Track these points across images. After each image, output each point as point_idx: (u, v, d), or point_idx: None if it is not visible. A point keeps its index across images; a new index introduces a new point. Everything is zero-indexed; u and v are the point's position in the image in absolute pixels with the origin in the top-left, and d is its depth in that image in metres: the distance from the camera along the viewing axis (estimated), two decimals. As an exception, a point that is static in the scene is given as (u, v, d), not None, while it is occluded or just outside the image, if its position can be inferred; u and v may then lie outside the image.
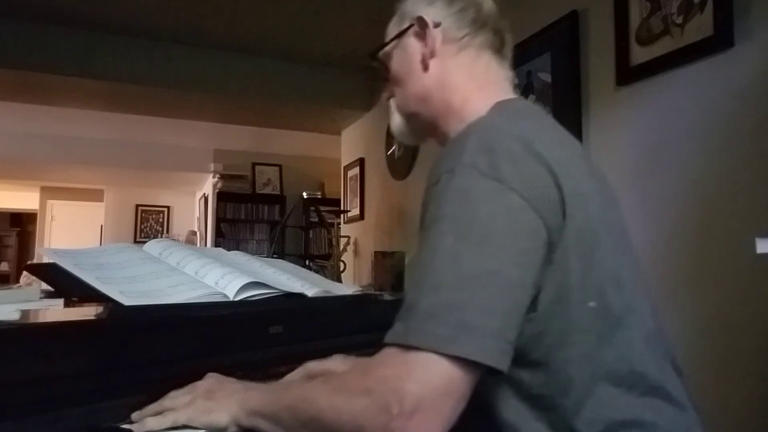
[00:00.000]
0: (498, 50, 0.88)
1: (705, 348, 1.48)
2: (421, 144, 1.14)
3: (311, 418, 0.63)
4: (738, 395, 1.38)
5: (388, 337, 0.62)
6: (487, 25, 0.87)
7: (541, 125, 0.78)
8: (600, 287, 0.69)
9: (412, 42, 0.87)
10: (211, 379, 0.79)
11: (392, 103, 0.94)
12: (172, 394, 0.76)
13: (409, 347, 0.59)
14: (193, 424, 0.71)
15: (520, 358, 0.66)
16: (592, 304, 0.68)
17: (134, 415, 0.74)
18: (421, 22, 0.85)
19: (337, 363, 0.98)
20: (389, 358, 0.61)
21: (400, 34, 0.89)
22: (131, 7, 2.93)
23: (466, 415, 0.62)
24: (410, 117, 0.92)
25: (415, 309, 0.61)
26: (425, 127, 0.91)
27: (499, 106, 0.80)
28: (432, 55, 0.85)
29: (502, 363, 0.60)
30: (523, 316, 0.64)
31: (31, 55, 3.06)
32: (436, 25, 0.85)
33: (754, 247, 1.35)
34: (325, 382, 0.68)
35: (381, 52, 0.93)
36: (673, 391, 0.72)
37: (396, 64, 0.91)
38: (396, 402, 0.57)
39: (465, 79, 0.85)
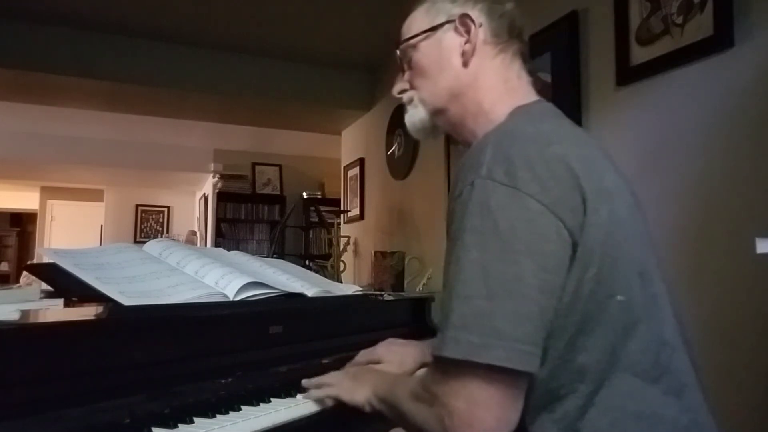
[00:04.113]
0: (526, 60, 0.91)
1: (704, 348, 1.47)
2: (437, 139, 1.14)
3: (403, 414, 0.78)
4: (738, 395, 1.38)
5: (432, 349, 0.69)
6: (521, 35, 0.90)
7: (559, 126, 0.80)
8: (627, 281, 0.71)
9: (450, 36, 0.87)
10: (357, 368, 1.05)
11: (413, 95, 0.93)
12: (332, 373, 1.00)
13: (446, 359, 0.65)
14: (341, 399, 0.93)
15: (542, 354, 0.67)
16: (620, 297, 0.69)
17: (304, 382, 0.98)
18: (466, 19, 0.86)
19: (383, 350, 1.11)
20: (435, 372, 0.70)
21: (435, 28, 0.88)
22: (131, 7, 2.93)
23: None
24: (437, 112, 0.91)
25: (449, 321, 0.66)
26: (451, 123, 0.91)
27: (518, 111, 0.82)
28: (473, 52, 0.86)
29: (532, 366, 0.64)
30: (551, 317, 0.66)
31: (31, 55, 3.05)
32: (480, 25, 0.86)
33: (754, 247, 1.35)
34: (411, 386, 0.78)
35: (405, 44, 0.92)
36: (698, 387, 0.73)
37: (425, 57, 0.90)
38: (447, 416, 0.65)
39: (499, 81, 0.87)
